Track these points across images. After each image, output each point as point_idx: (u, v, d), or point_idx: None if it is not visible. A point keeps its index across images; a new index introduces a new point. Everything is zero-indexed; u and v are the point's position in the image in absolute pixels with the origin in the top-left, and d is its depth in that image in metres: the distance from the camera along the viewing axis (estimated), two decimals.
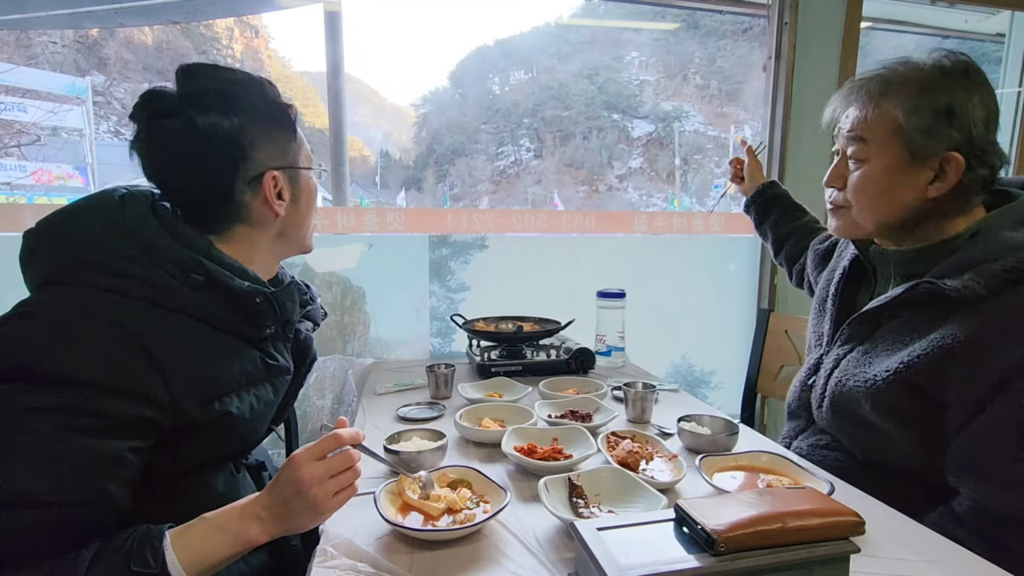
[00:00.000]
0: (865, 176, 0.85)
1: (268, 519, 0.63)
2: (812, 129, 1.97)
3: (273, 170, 0.75)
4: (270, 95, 0.76)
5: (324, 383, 1.74)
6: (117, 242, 0.65)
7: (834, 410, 0.89)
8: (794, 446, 1.01)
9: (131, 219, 0.67)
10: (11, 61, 2.34)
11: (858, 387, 0.84)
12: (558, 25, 19.50)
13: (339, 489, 0.65)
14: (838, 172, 0.89)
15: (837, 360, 0.91)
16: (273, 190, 0.75)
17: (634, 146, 17.67)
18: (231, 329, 0.72)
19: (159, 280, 0.65)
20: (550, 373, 1.43)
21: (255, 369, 0.76)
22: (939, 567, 0.64)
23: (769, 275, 2.02)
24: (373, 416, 1.16)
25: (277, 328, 0.79)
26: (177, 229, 0.69)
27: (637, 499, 0.76)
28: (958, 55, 0.80)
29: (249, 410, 0.74)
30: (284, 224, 0.80)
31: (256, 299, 0.72)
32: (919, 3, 2.22)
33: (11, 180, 5.46)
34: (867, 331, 0.89)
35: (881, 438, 0.83)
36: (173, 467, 0.68)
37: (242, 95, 0.73)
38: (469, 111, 19.45)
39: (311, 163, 0.83)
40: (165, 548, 0.58)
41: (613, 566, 0.50)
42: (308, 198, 0.82)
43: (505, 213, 1.85)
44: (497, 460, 0.94)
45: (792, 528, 0.53)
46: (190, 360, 0.65)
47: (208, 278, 0.68)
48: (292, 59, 17.20)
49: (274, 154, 0.75)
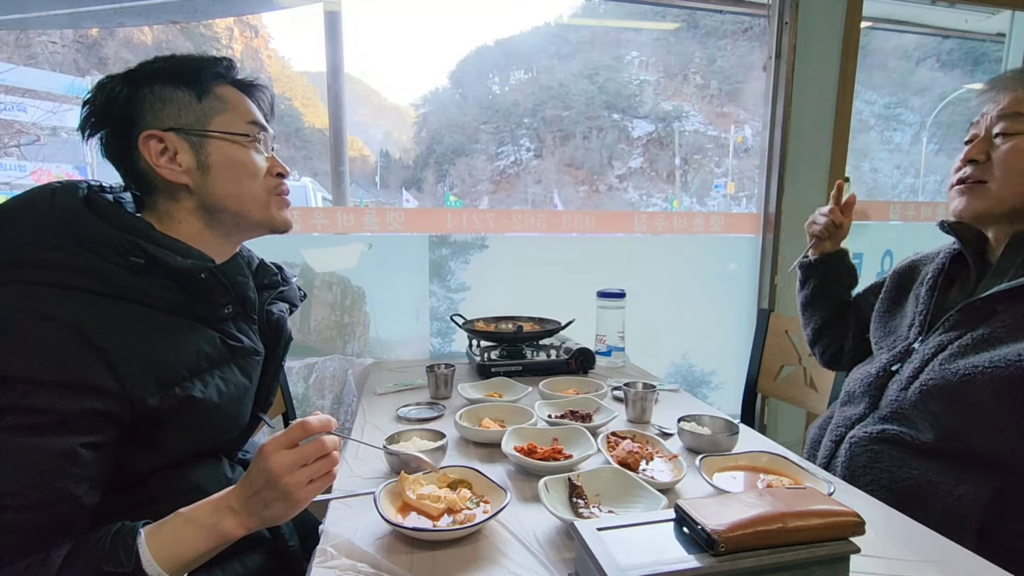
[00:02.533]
0: (1018, 149, 0.86)
1: (242, 511, 0.62)
2: (812, 129, 1.97)
3: (155, 131, 0.71)
4: (180, 58, 0.74)
5: (324, 383, 1.73)
6: (46, 235, 0.64)
7: (930, 391, 0.86)
8: (850, 436, 0.97)
9: (60, 211, 0.66)
10: (11, 61, 2.34)
11: (974, 370, 0.82)
12: (558, 25, 19.48)
13: (312, 478, 0.63)
14: (981, 148, 0.90)
15: (941, 345, 0.89)
16: (157, 153, 0.71)
17: (634, 146, 17.68)
18: (183, 311, 0.71)
19: (96, 267, 0.64)
20: (550, 373, 1.43)
21: (215, 351, 0.74)
22: (939, 567, 0.64)
23: (769, 275, 2.02)
24: (373, 416, 1.16)
25: (236, 307, 0.78)
26: (112, 215, 0.68)
27: (637, 499, 0.76)
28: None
29: (217, 393, 0.72)
30: (203, 195, 0.74)
31: (200, 275, 0.69)
32: (919, 3, 2.22)
33: (10, 180, 5.46)
34: (981, 318, 0.87)
35: (981, 420, 0.81)
36: (155, 462, 0.68)
37: (146, 64, 0.73)
38: (469, 111, 19.46)
39: (236, 129, 0.75)
40: (139, 545, 0.57)
41: (613, 566, 0.50)
42: (229, 167, 0.75)
43: (505, 213, 1.85)
44: (497, 460, 0.94)
45: (792, 528, 0.53)
46: (139, 346, 0.64)
47: (148, 259, 0.66)
48: (292, 59, 17.16)
49: (164, 116, 0.72)
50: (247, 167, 0.76)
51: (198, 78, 0.74)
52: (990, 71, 2.46)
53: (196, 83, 0.74)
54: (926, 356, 0.90)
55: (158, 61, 0.75)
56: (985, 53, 2.56)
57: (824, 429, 1.06)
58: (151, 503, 0.67)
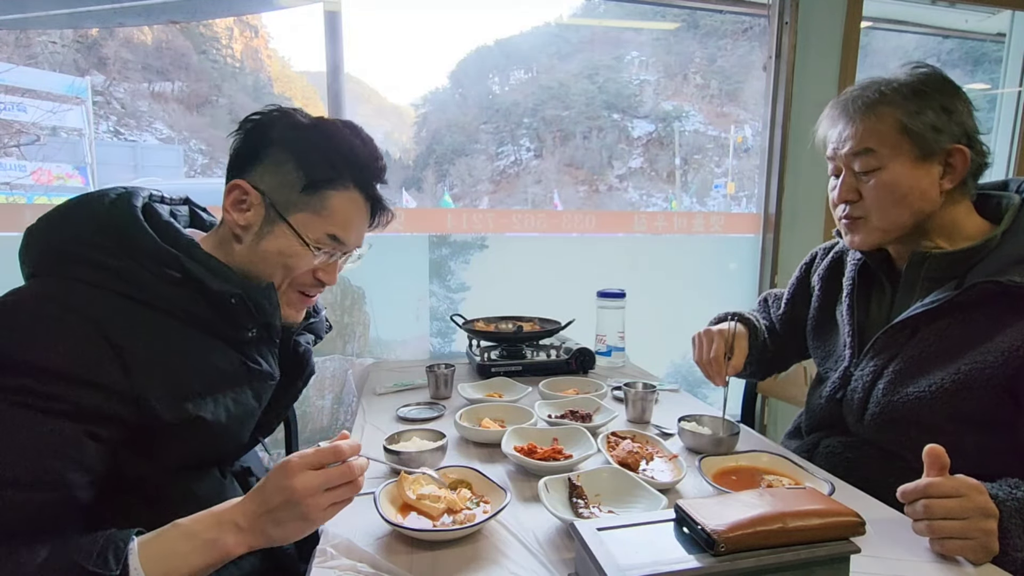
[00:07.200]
0: (883, 183, 0.85)
1: (248, 528, 0.59)
2: (812, 129, 1.97)
3: (247, 184, 0.74)
4: (318, 143, 0.76)
5: (324, 383, 1.73)
6: (93, 235, 0.66)
7: (886, 420, 0.87)
8: (824, 444, 0.98)
9: (116, 216, 0.68)
10: (11, 61, 2.33)
11: (920, 394, 0.83)
12: (558, 25, 19.47)
13: (334, 502, 0.61)
14: (850, 186, 0.89)
15: (877, 370, 0.89)
16: (234, 199, 0.74)
17: (634, 146, 17.66)
18: (210, 328, 0.72)
19: (131, 272, 0.65)
20: (550, 373, 1.43)
21: (233, 372, 0.74)
22: (939, 567, 0.64)
23: (769, 275, 2.02)
24: (373, 416, 1.16)
25: (260, 331, 0.77)
26: (162, 227, 0.70)
27: (637, 499, 0.76)
28: (925, 65, 0.87)
29: (224, 413, 0.72)
30: (244, 246, 0.76)
31: (230, 299, 0.71)
32: (919, 3, 2.22)
33: (10, 180, 5.47)
34: (904, 339, 0.88)
35: (943, 442, 0.82)
36: (150, 470, 0.67)
37: (286, 126, 0.76)
38: (469, 111, 19.45)
39: (309, 234, 0.76)
40: (129, 552, 0.55)
41: (613, 566, 0.50)
42: (278, 254, 0.76)
43: (505, 213, 1.85)
44: (497, 460, 0.94)
45: (792, 528, 0.53)
46: (158, 354, 0.65)
47: (185, 275, 0.68)
48: (292, 59, 17.16)
49: (265, 177, 0.75)
50: (289, 264, 0.77)
51: (324, 176, 0.75)
52: (990, 71, 2.46)
53: (315, 177, 0.75)
54: (866, 382, 0.91)
55: (323, 135, 0.76)
56: (985, 53, 2.56)
57: (793, 439, 1.07)
58: (142, 505, 0.67)
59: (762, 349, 1.14)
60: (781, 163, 1.96)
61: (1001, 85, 2.35)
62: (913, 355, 0.86)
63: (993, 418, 0.79)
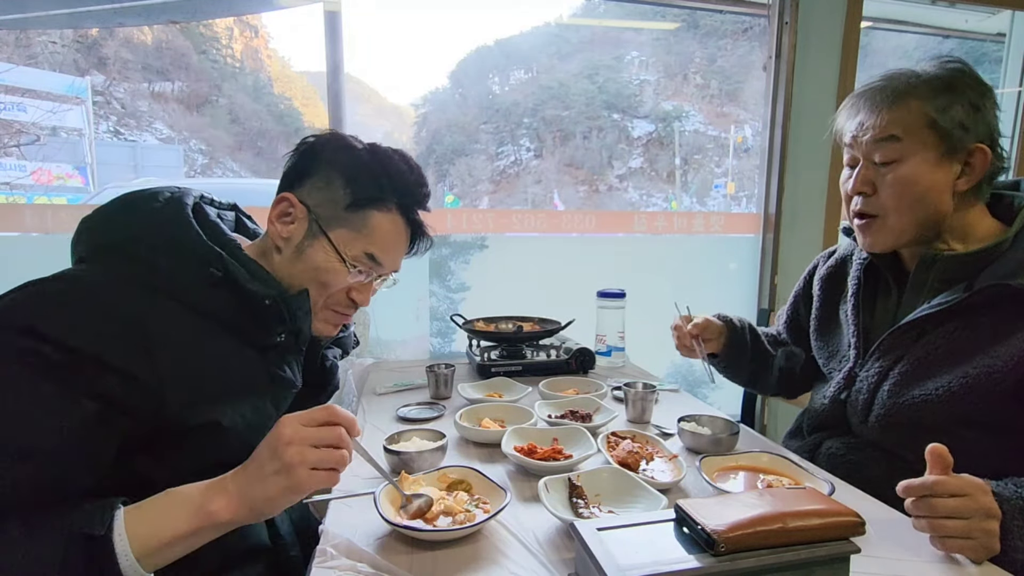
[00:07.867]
0: (900, 177, 0.83)
1: (234, 490, 0.59)
2: (812, 129, 1.97)
3: (294, 197, 0.77)
4: (368, 163, 0.79)
5: None
6: (140, 230, 0.69)
7: (890, 422, 0.87)
8: (825, 446, 0.97)
9: (167, 213, 0.71)
10: (11, 61, 2.33)
11: (927, 396, 0.82)
12: (558, 25, 19.45)
13: (318, 465, 0.59)
14: (865, 178, 0.86)
15: (882, 372, 0.89)
16: (279, 211, 0.78)
17: (634, 146, 17.66)
18: (240, 332, 0.73)
19: (177, 272, 0.68)
20: (550, 373, 1.43)
21: (256, 375, 0.75)
22: (939, 567, 0.64)
23: (769, 275, 2.02)
24: (373, 416, 1.16)
25: (289, 337, 0.77)
26: (209, 228, 0.73)
27: (637, 499, 0.76)
28: (957, 60, 0.84)
29: (241, 420, 0.71)
30: (283, 257, 0.78)
31: (265, 301, 0.72)
32: (919, 3, 2.22)
33: (11, 180, 5.47)
34: (911, 340, 0.87)
35: (947, 444, 0.82)
36: (160, 473, 0.66)
37: (338, 147, 0.79)
38: (469, 111, 19.44)
39: (348, 251, 0.78)
40: (116, 517, 0.55)
41: (613, 566, 0.50)
42: (315, 269, 0.78)
43: (505, 213, 1.85)
44: (497, 460, 0.94)
45: (792, 528, 0.53)
46: (187, 354, 0.66)
47: (226, 275, 0.69)
48: (292, 59, 17.15)
49: (312, 192, 0.78)
50: (324, 280, 0.79)
51: (369, 195, 0.78)
52: (990, 71, 2.46)
53: (360, 196, 0.78)
54: (871, 383, 0.90)
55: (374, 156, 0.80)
56: (985, 53, 2.55)
57: (794, 439, 1.06)
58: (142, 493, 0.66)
59: (743, 341, 1.15)
60: (781, 163, 1.96)
61: (1001, 85, 2.35)
62: (920, 357, 0.85)
63: (999, 422, 0.79)
